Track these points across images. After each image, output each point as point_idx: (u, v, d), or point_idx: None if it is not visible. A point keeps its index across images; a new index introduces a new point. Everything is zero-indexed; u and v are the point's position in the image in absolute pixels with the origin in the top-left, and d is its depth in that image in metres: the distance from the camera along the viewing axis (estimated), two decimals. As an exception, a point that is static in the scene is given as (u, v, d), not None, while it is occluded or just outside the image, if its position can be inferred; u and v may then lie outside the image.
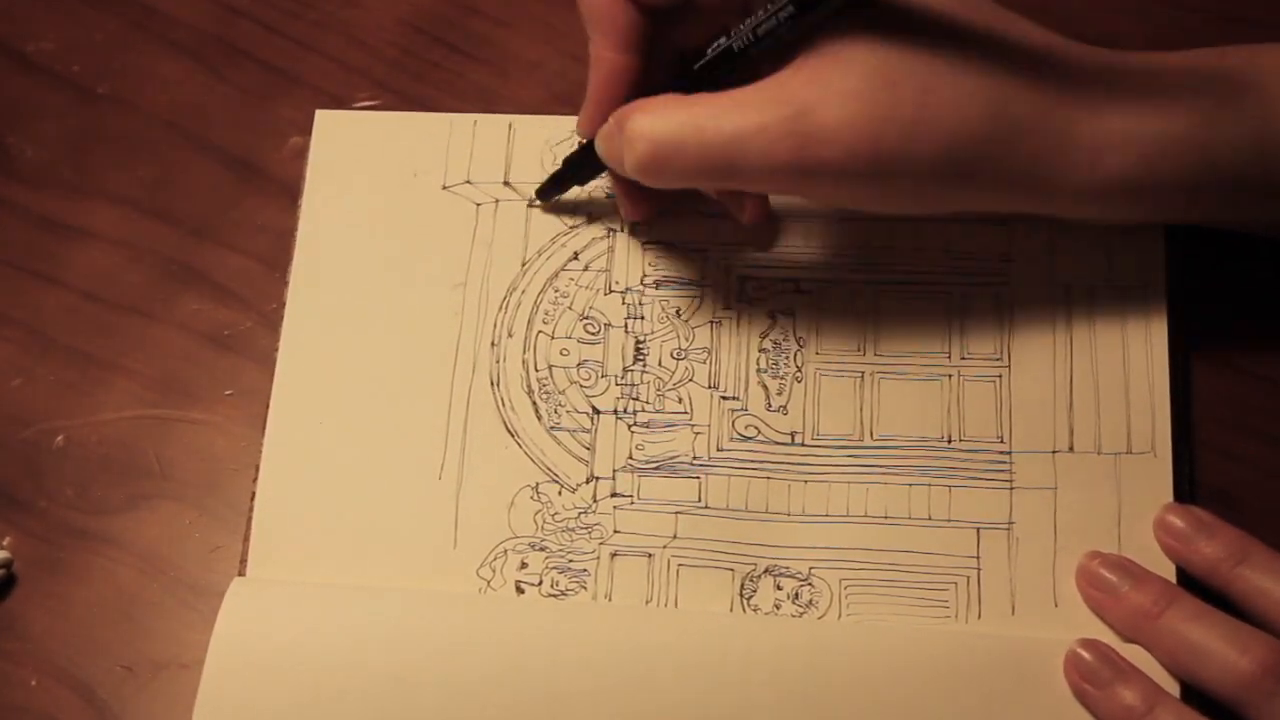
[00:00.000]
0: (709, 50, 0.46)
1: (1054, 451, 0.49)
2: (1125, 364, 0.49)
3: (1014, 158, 0.44)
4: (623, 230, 0.53)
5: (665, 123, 0.45)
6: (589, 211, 0.53)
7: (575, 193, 0.53)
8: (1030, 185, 0.45)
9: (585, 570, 0.49)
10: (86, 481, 0.51)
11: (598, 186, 0.53)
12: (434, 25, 0.57)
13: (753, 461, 0.49)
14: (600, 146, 0.48)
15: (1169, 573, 0.47)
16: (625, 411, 0.50)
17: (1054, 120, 0.44)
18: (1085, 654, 0.46)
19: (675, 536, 0.49)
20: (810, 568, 0.48)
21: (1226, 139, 0.44)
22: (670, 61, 0.48)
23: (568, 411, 0.50)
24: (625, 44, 0.47)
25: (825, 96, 0.43)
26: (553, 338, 0.51)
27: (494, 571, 0.49)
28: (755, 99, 0.44)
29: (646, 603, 0.48)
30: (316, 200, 0.54)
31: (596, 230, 0.53)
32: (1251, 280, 0.51)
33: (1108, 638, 0.46)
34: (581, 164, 0.51)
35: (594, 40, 0.47)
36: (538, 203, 0.53)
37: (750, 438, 0.50)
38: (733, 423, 0.50)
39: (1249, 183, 0.45)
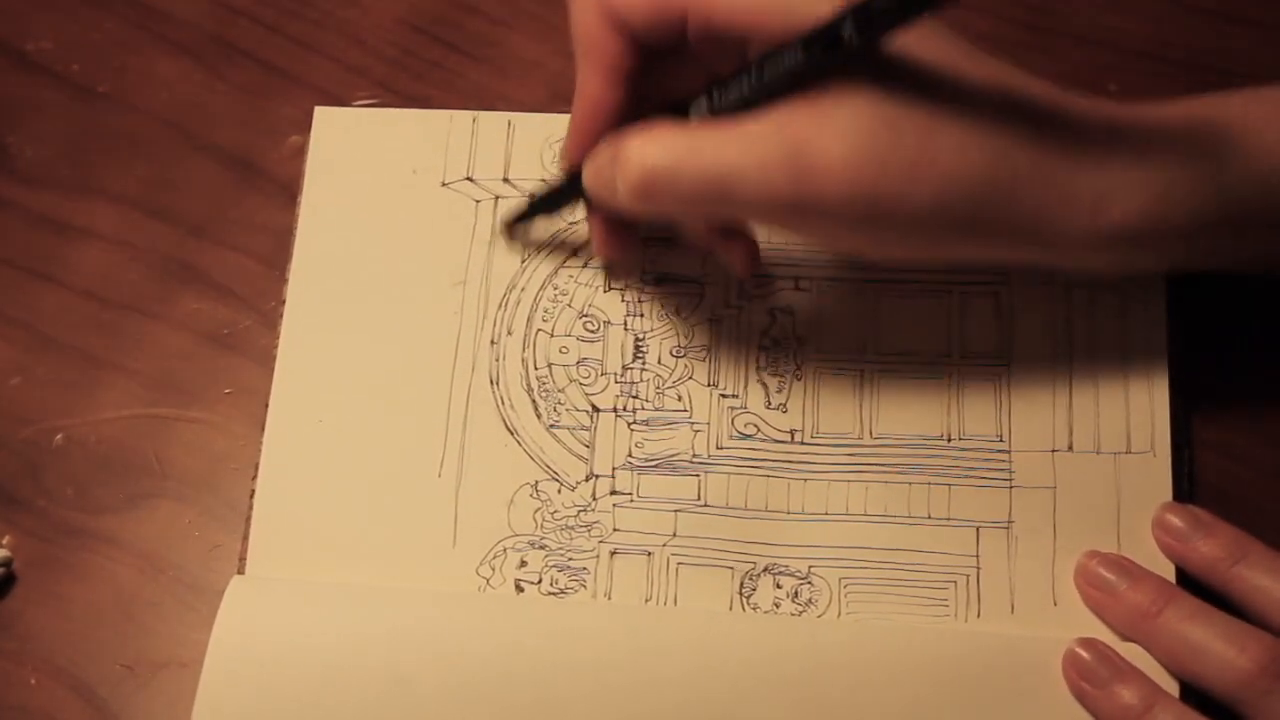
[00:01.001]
0: (707, 92, 0.45)
1: (1053, 451, 0.49)
2: (1125, 364, 0.49)
3: (1015, 206, 0.43)
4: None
5: (662, 147, 0.44)
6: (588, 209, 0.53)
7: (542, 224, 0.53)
8: (1031, 235, 0.44)
9: (585, 568, 0.49)
10: (86, 481, 0.51)
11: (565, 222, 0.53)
12: (434, 24, 0.57)
13: (752, 460, 0.49)
14: (590, 171, 0.47)
15: (1168, 572, 0.47)
16: (625, 409, 0.50)
17: (1056, 170, 0.43)
18: (1084, 653, 0.46)
19: (675, 535, 0.49)
20: (810, 566, 0.48)
21: (1228, 185, 0.44)
22: (658, 105, 0.46)
23: (567, 409, 0.50)
24: (613, 78, 0.46)
25: (827, 133, 0.42)
26: (552, 335, 0.51)
27: (493, 570, 0.49)
28: (756, 131, 0.43)
29: (646, 601, 0.48)
30: (316, 198, 0.54)
31: (596, 227, 0.53)
32: (1251, 280, 0.50)
33: (1106, 636, 0.46)
34: (558, 194, 0.50)
35: (581, 70, 0.47)
36: (503, 237, 0.53)
37: (750, 436, 0.50)
38: (732, 421, 0.50)
39: (1252, 227, 0.45)
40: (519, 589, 0.48)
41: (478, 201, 0.53)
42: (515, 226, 0.52)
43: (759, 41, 0.43)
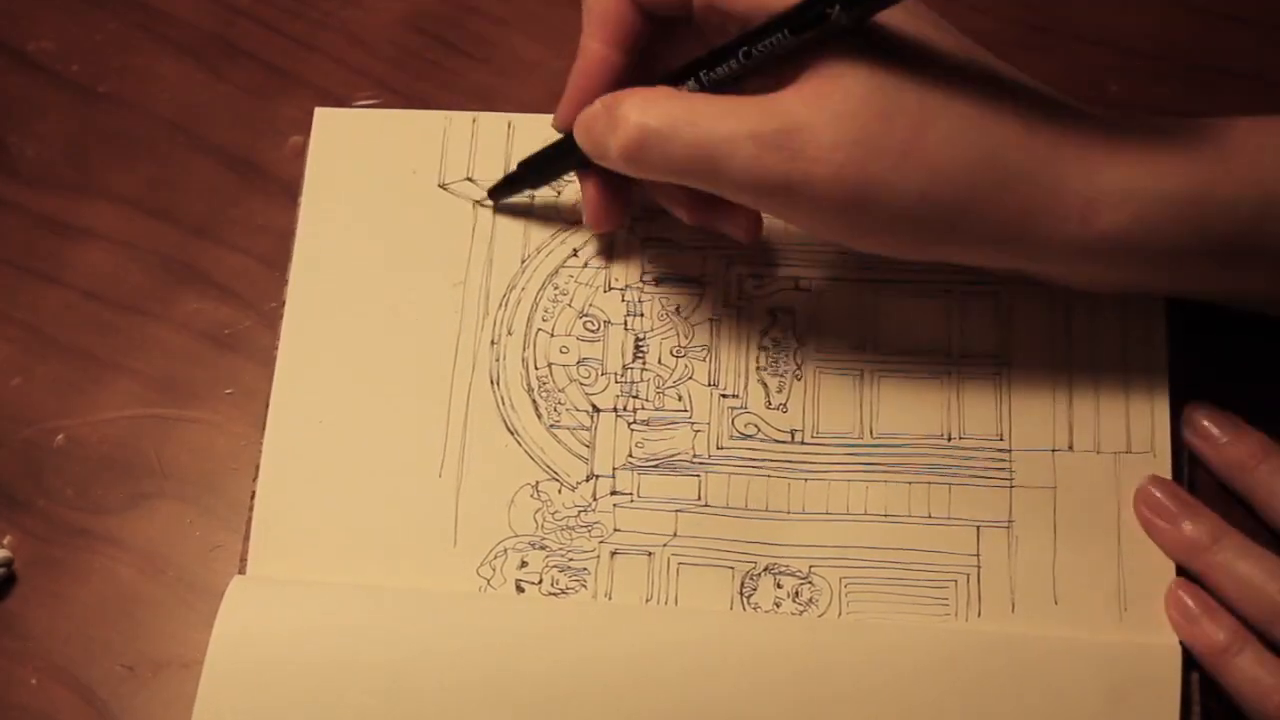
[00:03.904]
0: (697, 66, 0.45)
1: (1054, 450, 0.49)
2: (1125, 364, 0.49)
3: (1003, 205, 0.43)
4: (623, 227, 0.53)
5: (659, 110, 0.44)
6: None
7: (526, 198, 0.53)
8: (1018, 237, 0.44)
9: (585, 569, 0.49)
10: (87, 481, 0.51)
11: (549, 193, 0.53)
12: (434, 24, 0.57)
13: (753, 459, 0.49)
14: (582, 129, 0.47)
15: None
16: (625, 409, 0.50)
17: (1047, 171, 0.43)
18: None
19: (675, 535, 0.49)
20: (810, 566, 0.48)
21: (1222, 202, 0.43)
22: (658, 76, 0.47)
23: (567, 409, 0.50)
24: (618, 40, 0.47)
25: (819, 116, 0.43)
26: (552, 335, 0.51)
27: (494, 570, 0.49)
28: (751, 108, 0.44)
29: (646, 601, 0.48)
30: (316, 199, 0.54)
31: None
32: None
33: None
34: (550, 159, 0.51)
35: (587, 30, 0.47)
36: (488, 201, 0.53)
37: (750, 436, 0.50)
38: (732, 420, 0.50)
39: (1241, 250, 0.44)
40: (519, 589, 0.49)
41: (477, 202, 0.53)
42: (505, 190, 0.52)
43: (761, 16, 0.44)
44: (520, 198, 0.53)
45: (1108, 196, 0.43)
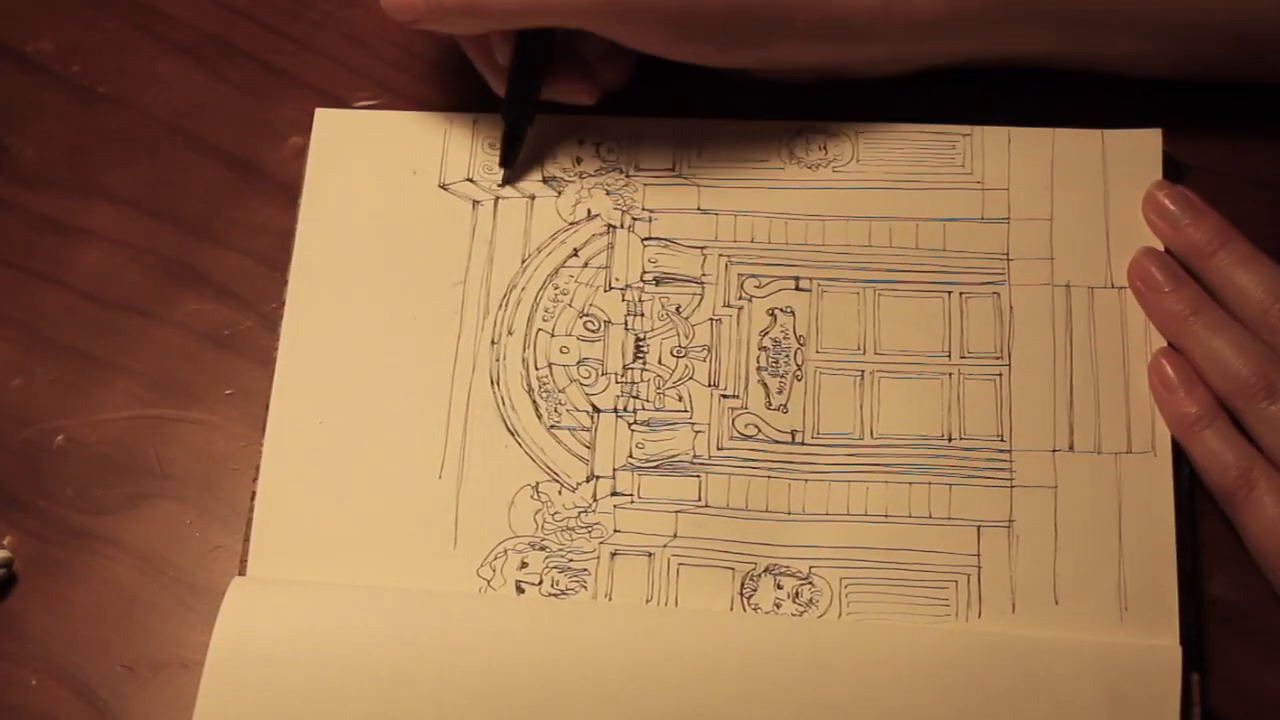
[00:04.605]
0: None
1: (1054, 450, 0.49)
2: (1125, 364, 0.49)
3: None
4: (623, 227, 0.53)
5: None
6: (589, 207, 0.53)
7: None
8: (830, 15, 0.48)
9: (585, 570, 0.49)
10: (86, 481, 0.51)
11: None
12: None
13: (753, 460, 0.49)
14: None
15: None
16: (625, 410, 0.50)
17: None
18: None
19: (675, 535, 0.49)
20: (810, 566, 0.48)
21: None
22: None
23: (568, 410, 0.50)
24: None
25: None
26: (553, 335, 0.51)
27: (494, 571, 0.49)
28: None
29: (647, 602, 0.48)
30: (316, 199, 0.54)
31: (596, 227, 0.53)
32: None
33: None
34: (517, 77, 0.52)
35: None
36: (508, 174, 0.53)
37: (750, 436, 0.50)
38: (733, 421, 0.50)
39: (1044, 8, 0.49)
40: (520, 590, 0.48)
41: (477, 202, 0.53)
42: (510, 149, 0.53)
43: None
44: (521, 196, 0.53)
45: None
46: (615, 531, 0.49)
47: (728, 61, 0.51)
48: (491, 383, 0.51)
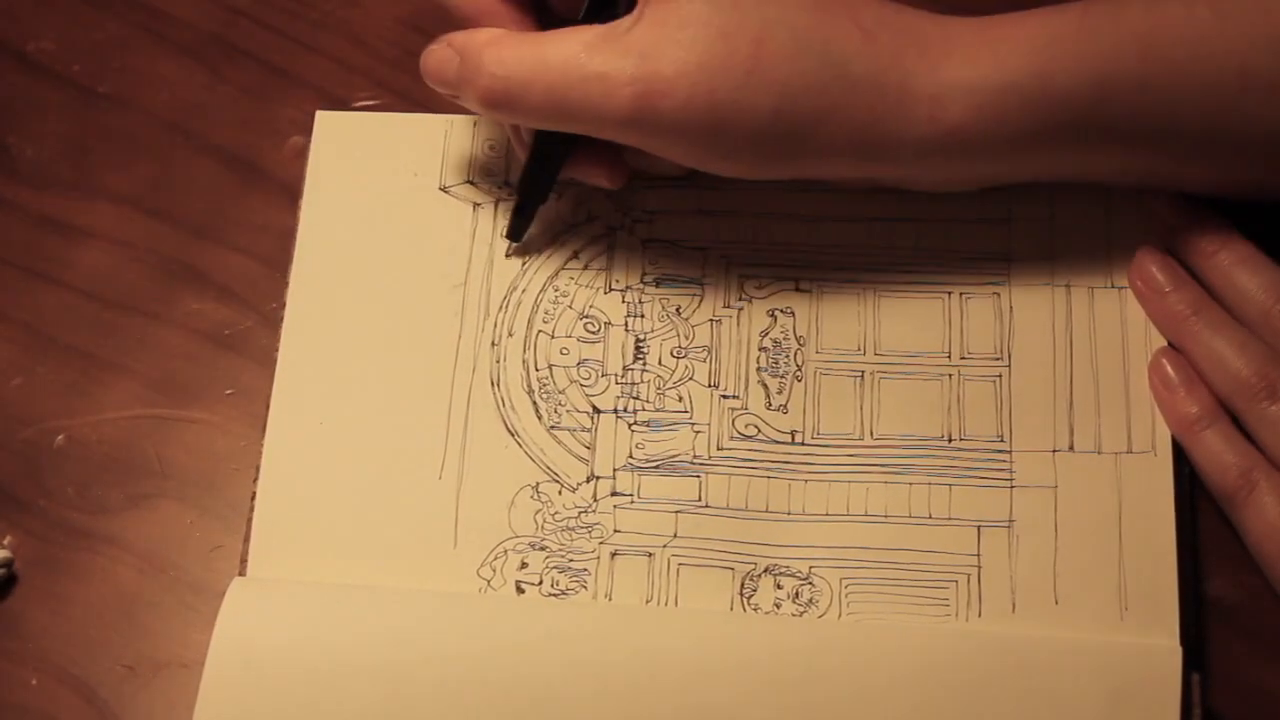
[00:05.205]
0: None
1: (1054, 451, 0.49)
2: (1125, 364, 0.49)
3: (851, 112, 0.45)
4: (623, 229, 0.53)
5: (515, 59, 0.46)
6: (589, 210, 0.53)
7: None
8: (870, 142, 0.46)
9: (585, 570, 0.49)
10: (87, 481, 0.51)
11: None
12: (434, 25, 0.57)
13: (753, 460, 0.49)
14: (432, 63, 0.48)
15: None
16: (625, 410, 0.50)
17: (891, 74, 0.45)
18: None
19: (675, 536, 0.49)
20: (810, 567, 0.48)
21: (1062, 86, 0.45)
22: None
23: (568, 411, 0.50)
24: None
25: (663, 46, 0.44)
26: (553, 337, 0.51)
27: (494, 571, 0.49)
28: (601, 44, 0.45)
29: (646, 602, 0.48)
30: (317, 200, 0.54)
31: (596, 229, 0.53)
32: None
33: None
34: (537, 163, 0.51)
35: None
36: (514, 247, 0.53)
37: (750, 436, 0.50)
38: (733, 421, 0.50)
39: (1088, 129, 0.46)
40: (520, 590, 0.49)
41: (477, 205, 0.53)
42: (520, 223, 0.52)
43: None
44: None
45: (952, 91, 0.45)
46: (615, 531, 0.49)
47: (765, 175, 0.48)
48: (492, 384, 0.51)
